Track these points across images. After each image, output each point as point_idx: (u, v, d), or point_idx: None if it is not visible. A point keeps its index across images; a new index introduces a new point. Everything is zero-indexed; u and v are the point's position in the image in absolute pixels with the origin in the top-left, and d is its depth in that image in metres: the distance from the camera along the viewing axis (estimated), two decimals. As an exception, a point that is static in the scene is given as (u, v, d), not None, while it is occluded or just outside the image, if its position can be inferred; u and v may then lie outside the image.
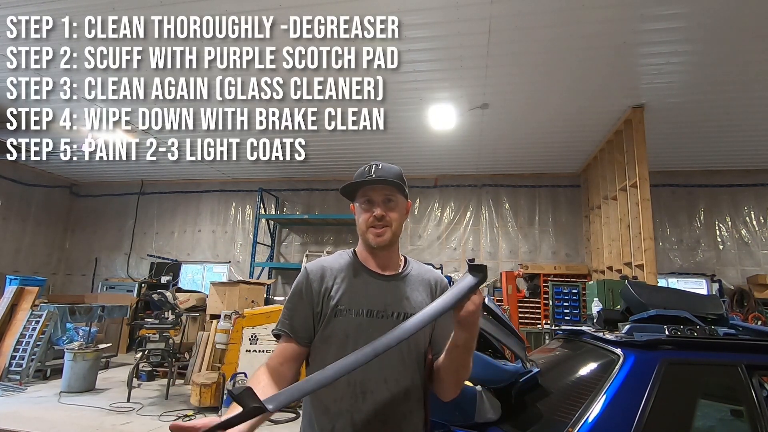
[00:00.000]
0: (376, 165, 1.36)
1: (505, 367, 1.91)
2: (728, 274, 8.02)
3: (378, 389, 1.23)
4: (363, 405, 1.21)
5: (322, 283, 1.32)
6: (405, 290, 1.36)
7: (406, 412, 1.25)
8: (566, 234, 8.93)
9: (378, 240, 1.33)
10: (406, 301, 1.33)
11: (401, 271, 1.40)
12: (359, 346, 1.20)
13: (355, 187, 1.36)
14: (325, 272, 1.35)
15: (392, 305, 1.31)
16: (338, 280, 1.33)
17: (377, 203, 1.35)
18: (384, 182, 1.34)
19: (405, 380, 1.26)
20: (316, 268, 1.36)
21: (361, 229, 1.37)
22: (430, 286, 1.41)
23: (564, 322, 7.12)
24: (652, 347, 1.71)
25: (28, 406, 5.21)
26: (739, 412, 1.73)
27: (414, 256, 8.22)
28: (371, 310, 1.29)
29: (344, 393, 1.23)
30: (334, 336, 1.27)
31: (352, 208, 1.43)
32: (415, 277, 1.40)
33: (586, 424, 1.53)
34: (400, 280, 1.37)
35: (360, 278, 1.34)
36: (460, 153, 8.15)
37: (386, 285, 1.35)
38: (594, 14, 4.29)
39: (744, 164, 8.11)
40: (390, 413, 1.23)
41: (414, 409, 1.27)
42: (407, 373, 1.27)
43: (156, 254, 10.42)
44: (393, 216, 1.35)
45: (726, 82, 5.41)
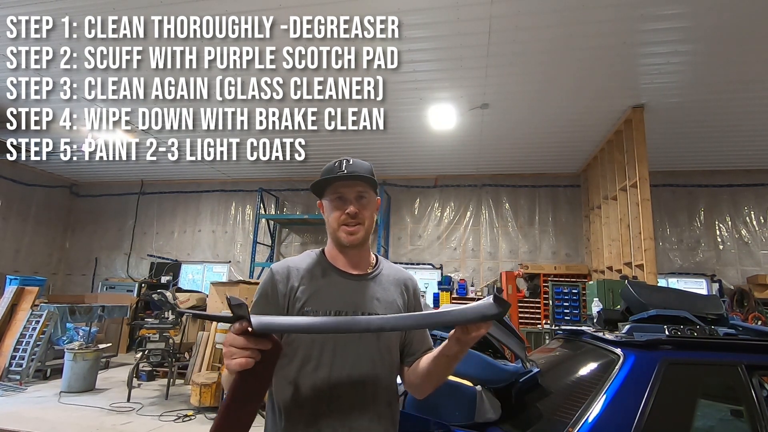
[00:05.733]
0: (347, 160, 1.30)
1: (505, 367, 1.91)
2: (728, 274, 8.02)
3: (345, 393, 1.19)
4: (329, 410, 1.17)
5: (288, 284, 1.26)
6: (375, 290, 1.30)
7: (374, 416, 1.20)
8: (566, 234, 8.93)
9: (351, 239, 1.28)
10: (377, 301, 1.28)
11: (372, 271, 1.34)
12: (326, 349, 1.20)
13: (326, 183, 1.30)
14: (291, 272, 1.28)
15: (361, 306, 1.26)
16: (305, 281, 1.27)
17: (349, 200, 1.29)
18: (357, 178, 1.28)
19: (374, 383, 1.22)
20: (282, 268, 1.30)
21: (332, 227, 1.31)
22: (402, 286, 1.37)
23: (564, 322, 7.11)
24: (652, 347, 1.71)
25: (28, 406, 5.21)
26: (739, 412, 1.73)
27: (414, 256, 8.17)
28: (339, 311, 1.23)
29: (309, 398, 1.18)
30: (300, 339, 1.21)
31: (320, 205, 1.37)
32: (386, 276, 1.35)
33: (586, 424, 1.53)
34: (370, 280, 1.32)
35: (328, 278, 1.29)
36: (460, 153, 8.15)
37: (356, 285, 1.30)
38: (594, 14, 4.29)
39: (744, 164, 8.10)
40: (358, 417, 1.18)
41: (383, 412, 1.23)
42: (377, 375, 1.23)
43: (156, 254, 10.42)
44: (365, 214, 1.30)
45: (726, 82, 5.40)
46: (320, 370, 1.19)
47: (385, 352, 1.26)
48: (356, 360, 1.21)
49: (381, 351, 1.25)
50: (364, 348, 1.23)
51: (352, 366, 1.20)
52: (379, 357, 1.24)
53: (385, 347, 1.26)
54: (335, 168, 1.29)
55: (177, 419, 4.77)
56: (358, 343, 1.22)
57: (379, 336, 1.25)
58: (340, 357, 1.20)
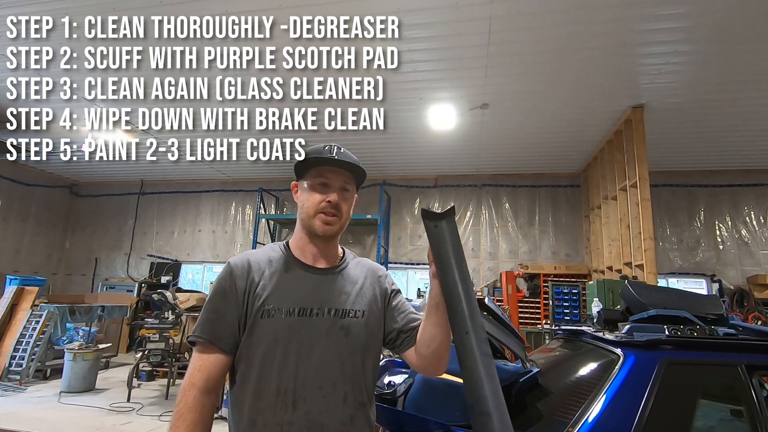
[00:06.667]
0: (337, 147, 1.23)
1: (505, 367, 1.91)
2: (728, 274, 8.02)
3: (311, 396, 1.10)
4: (294, 415, 1.08)
5: (248, 279, 1.16)
6: (343, 284, 1.23)
7: (345, 419, 1.12)
8: (566, 234, 8.93)
9: (325, 228, 1.20)
10: (344, 296, 1.21)
11: (338, 264, 1.27)
12: (290, 349, 1.12)
13: (315, 162, 1.21)
14: (251, 267, 1.18)
15: (328, 302, 1.18)
16: (266, 276, 1.18)
17: (333, 188, 1.22)
18: (349, 166, 1.22)
19: (344, 384, 1.14)
20: (241, 261, 1.19)
21: (306, 213, 1.21)
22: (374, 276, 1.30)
23: (564, 322, 7.11)
24: (652, 347, 1.71)
25: (28, 406, 5.21)
26: (739, 412, 1.73)
27: (414, 257, 8.16)
28: (303, 309, 1.15)
29: (272, 403, 1.09)
30: (261, 340, 1.12)
31: (294, 186, 1.28)
32: (352, 269, 1.28)
33: (586, 424, 1.53)
34: (337, 274, 1.24)
35: (291, 273, 1.20)
36: (460, 153, 8.15)
37: (321, 279, 1.22)
38: (594, 14, 4.29)
39: (744, 164, 8.11)
40: (327, 421, 1.10)
41: (355, 414, 1.15)
42: (346, 376, 1.15)
43: (156, 254, 10.42)
44: (344, 207, 1.23)
45: (726, 82, 5.40)
46: (285, 371, 1.11)
47: (358, 349, 1.18)
48: (323, 360, 1.13)
49: (352, 349, 1.17)
50: (333, 346, 1.15)
51: (318, 366, 1.12)
52: (348, 356, 1.16)
53: (356, 344, 1.18)
54: (324, 151, 1.22)
55: (177, 419, 4.77)
56: (326, 340, 1.15)
57: (348, 332, 1.17)
58: (305, 357, 1.12)
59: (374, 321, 1.24)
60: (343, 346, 1.16)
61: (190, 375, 1.11)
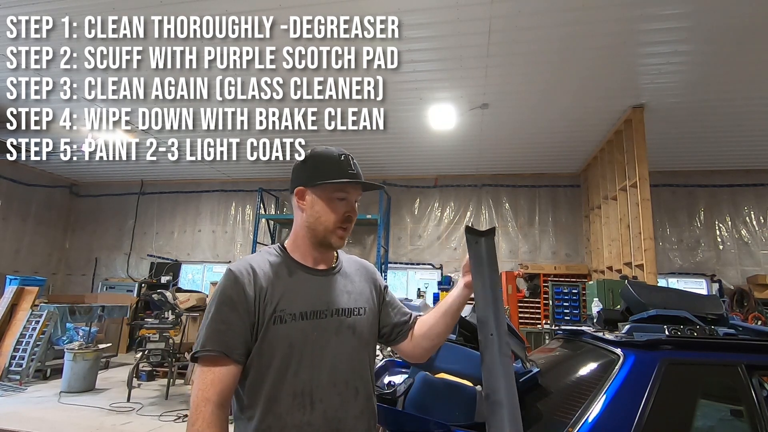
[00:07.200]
0: (352, 158, 1.26)
1: (505, 367, 1.91)
2: (728, 274, 8.02)
3: (327, 396, 1.13)
4: (312, 416, 1.11)
5: (255, 287, 1.14)
6: (343, 284, 1.27)
7: (357, 413, 1.18)
8: (566, 234, 8.93)
9: (341, 243, 1.24)
10: (347, 295, 1.26)
11: (335, 265, 1.31)
12: (305, 353, 1.14)
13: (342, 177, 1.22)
14: (257, 273, 1.17)
15: (333, 302, 1.22)
16: (273, 281, 1.17)
17: (352, 203, 1.26)
18: (372, 187, 1.31)
19: (354, 380, 1.19)
20: (245, 269, 1.16)
21: (324, 225, 1.22)
22: (368, 274, 1.37)
23: (564, 322, 7.11)
24: (652, 347, 1.71)
25: (28, 406, 5.21)
26: (739, 412, 1.73)
27: (414, 256, 8.17)
28: (314, 312, 1.17)
29: (289, 406, 1.10)
30: (275, 345, 1.12)
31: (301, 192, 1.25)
32: (348, 268, 1.33)
33: (586, 424, 1.53)
34: (336, 274, 1.28)
35: (296, 277, 1.21)
36: (460, 153, 8.15)
37: (324, 281, 1.25)
38: (594, 14, 4.29)
39: (744, 164, 8.10)
40: (342, 416, 1.14)
41: (364, 406, 1.20)
42: (355, 372, 1.20)
43: (156, 254, 10.42)
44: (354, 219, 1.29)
45: (726, 82, 5.40)
46: (301, 374, 1.13)
47: (362, 345, 1.24)
48: (335, 359, 1.17)
49: (358, 346, 1.23)
50: (342, 345, 1.20)
51: (332, 365, 1.16)
52: (355, 352, 1.22)
53: (361, 341, 1.24)
54: (342, 163, 1.23)
55: (177, 419, 4.77)
56: (336, 340, 1.19)
57: (354, 330, 1.23)
58: (318, 358, 1.15)
59: (373, 317, 1.32)
60: (350, 344, 1.22)
61: (203, 390, 1.06)
